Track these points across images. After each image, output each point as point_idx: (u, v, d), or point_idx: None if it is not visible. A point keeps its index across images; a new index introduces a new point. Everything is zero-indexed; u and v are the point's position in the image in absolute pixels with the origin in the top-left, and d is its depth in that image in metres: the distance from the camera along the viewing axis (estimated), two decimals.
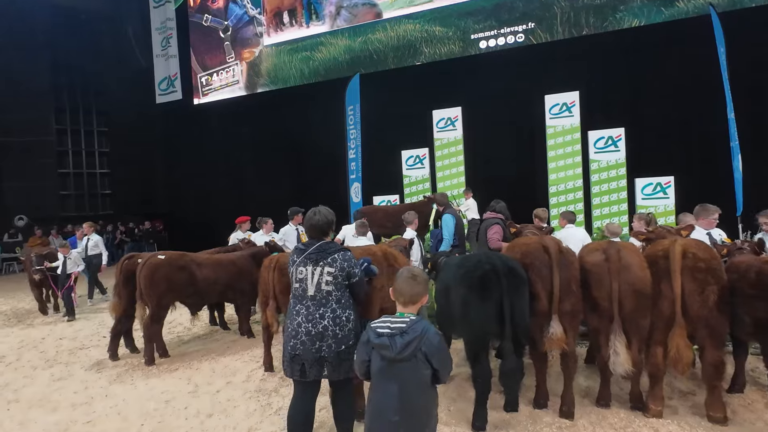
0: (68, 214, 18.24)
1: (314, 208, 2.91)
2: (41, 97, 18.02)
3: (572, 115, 8.80)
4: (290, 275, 2.87)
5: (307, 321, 2.72)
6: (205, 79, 14.09)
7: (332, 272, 2.75)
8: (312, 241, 2.85)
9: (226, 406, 3.85)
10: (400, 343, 1.99)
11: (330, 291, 2.75)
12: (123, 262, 5.39)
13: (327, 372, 2.70)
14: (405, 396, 1.99)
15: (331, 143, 11.94)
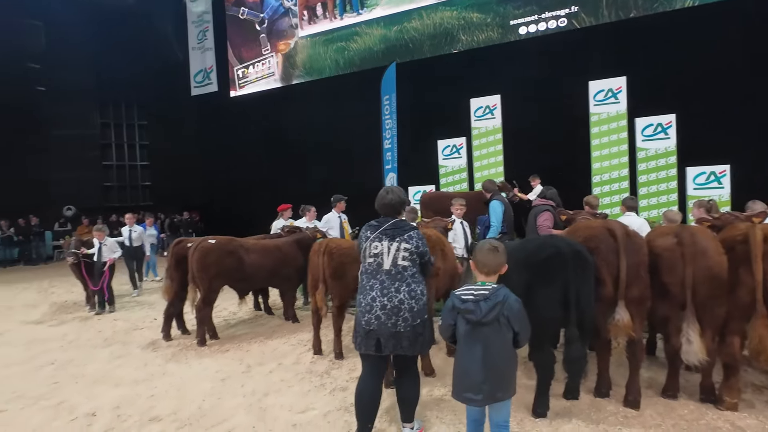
0: (111, 205, 19.05)
1: (386, 187, 2.97)
2: (86, 92, 18.79)
3: (618, 101, 8.46)
4: (361, 251, 2.89)
5: (382, 295, 2.74)
6: (242, 72, 14.32)
7: (409, 248, 2.78)
8: (386, 218, 2.88)
9: (280, 386, 3.92)
10: (484, 307, 2.25)
11: (406, 266, 2.77)
12: (174, 246, 5.56)
13: (404, 346, 2.71)
14: (489, 357, 2.24)
15: (367, 133, 11.93)
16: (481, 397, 2.27)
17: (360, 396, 2.83)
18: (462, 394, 2.33)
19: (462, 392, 2.33)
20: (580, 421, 3.07)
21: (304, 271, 6.26)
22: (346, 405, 3.47)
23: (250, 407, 3.52)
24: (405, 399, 2.90)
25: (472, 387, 2.28)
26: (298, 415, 3.34)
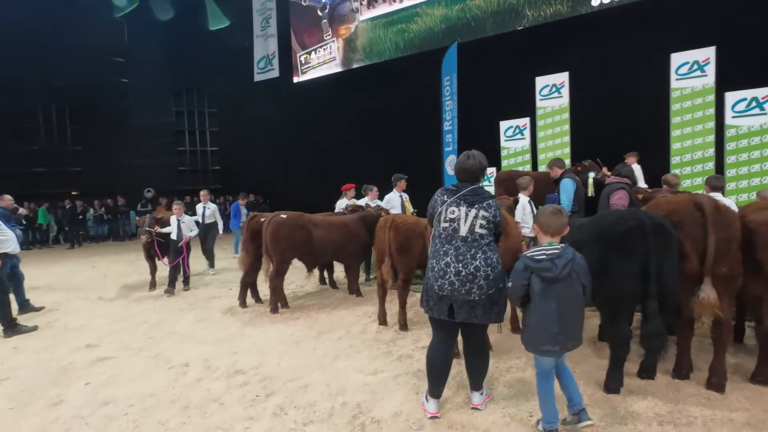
0: (185, 188, 20.52)
1: (467, 152, 2.93)
2: (162, 82, 20.26)
3: (705, 74, 7.76)
4: (436, 215, 2.87)
5: (456, 261, 2.73)
6: (304, 58, 14.71)
7: (487, 216, 2.76)
8: (464, 184, 2.85)
9: (349, 351, 4.13)
10: (560, 264, 2.40)
11: (483, 234, 2.76)
12: (249, 221, 5.95)
13: (477, 315, 2.72)
14: (563, 310, 2.41)
15: (426, 116, 11.87)
16: (558, 348, 2.45)
17: (432, 360, 2.90)
18: (540, 347, 2.48)
19: (540, 345, 2.48)
20: (657, 399, 2.97)
21: (368, 248, 6.50)
22: (413, 370, 3.60)
23: (323, 368, 3.75)
24: (474, 367, 2.94)
25: (549, 339, 2.44)
26: (368, 377, 3.52)
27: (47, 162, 18.88)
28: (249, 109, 19.92)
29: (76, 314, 5.84)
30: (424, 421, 2.81)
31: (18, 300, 5.97)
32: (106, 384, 3.56)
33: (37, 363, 4.08)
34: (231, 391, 3.34)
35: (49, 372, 3.85)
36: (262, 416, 2.95)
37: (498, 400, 3.05)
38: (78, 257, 11.90)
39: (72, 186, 18.58)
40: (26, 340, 4.79)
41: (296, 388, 3.35)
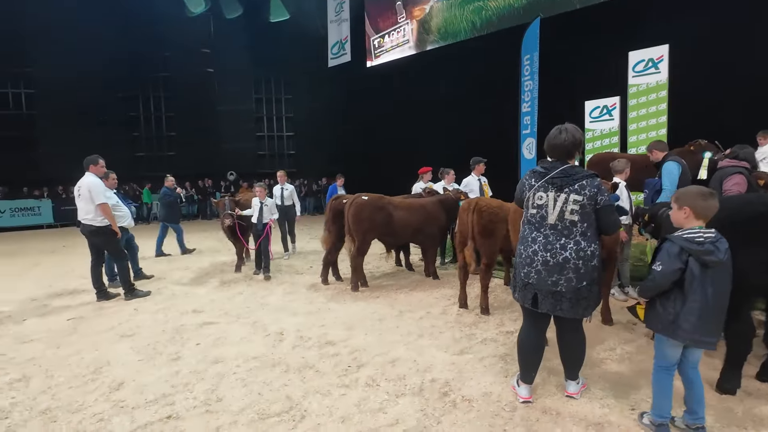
0: (263, 171, 21.74)
1: (559, 126, 2.67)
2: (244, 71, 21.44)
3: None
4: (524, 200, 2.74)
5: (544, 250, 2.61)
6: (377, 42, 14.75)
7: (579, 200, 2.52)
8: (554, 163, 2.64)
9: (432, 330, 4.19)
10: (722, 248, 2.24)
11: (575, 221, 2.55)
12: (332, 202, 6.18)
13: (562, 308, 2.58)
14: (717, 298, 2.26)
15: (503, 97, 11.46)
16: (715, 339, 2.32)
17: (522, 345, 2.86)
18: (697, 338, 2.28)
19: (697, 335, 2.27)
20: None
21: (445, 231, 6.50)
22: (500, 354, 3.57)
23: (408, 345, 3.85)
24: (568, 358, 2.83)
25: (710, 330, 2.28)
26: (454, 356, 3.56)
27: (147, 147, 21.00)
28: (322, 95, 20.50)
29: (180, 283, 6.50)
30: (516, 404, 2.80)
31: (133, 268, 6.76)
32: (214, 345, 3.95)
33: (154, 323, 4.63)
34: (324, 360, 3.55)
35: (165, 331, 4.34)
36: (355, 385, 3.11)
37: (594, 390, 2.94)
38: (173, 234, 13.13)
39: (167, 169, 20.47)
40: (143, 303, 5.43)
41: (385, 362, 3.48)
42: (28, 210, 15.90)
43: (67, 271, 7.62)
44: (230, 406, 2.86)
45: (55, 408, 2.91)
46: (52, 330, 4.50)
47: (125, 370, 3.47)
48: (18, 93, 18.74)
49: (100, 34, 18.09)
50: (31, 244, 11.47)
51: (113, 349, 3.92)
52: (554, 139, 2.64)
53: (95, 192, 5.39)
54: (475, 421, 2.61)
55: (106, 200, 5.45)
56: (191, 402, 2.93)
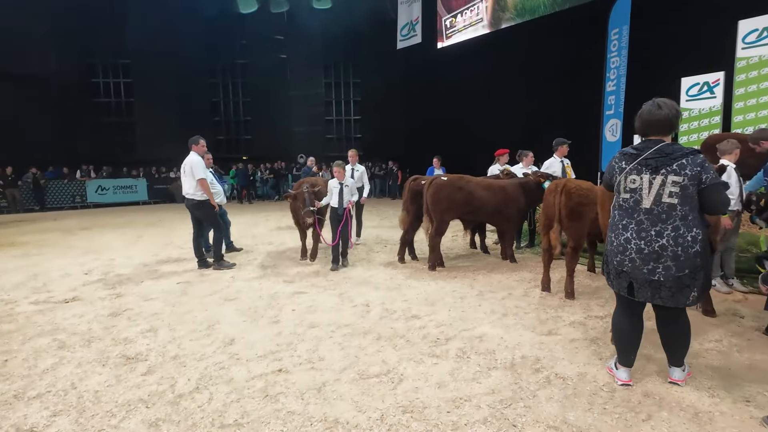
0: (332, 154, 22.40)
1: (655, 100, 2.50)
2: (314, 56, 22.04)
3: None
4: (615, 184, 2.61)
5: (638, 238, 2.49)
6: (449, 22, 14.46)
7: (679, 181, 2.36)
8: (647, 143, 2.49)
9: (516, 311, 4.19)
10: None
11: (674, 204, 2.40)
12: (410, 182, 6.29)
13: (662, 297, 2.47)
14: None
15: (585, 76, 10.84)
16: None
17: (618, 328, 2.79)
18: None
19: None
20: None
21: (524, 214, 6.39)
22: (590, 337, 3.51)
23: (493, 323, 3.89)
24: (671, 346, 2.72)
25: None
26: (542, 336, 3.56)
27: (226, 131, 22.46)
28: (390, 78, 20.56)
29: (266, 256, 7.00)
30: (615, 386, 2.76)
31: (225, 242, 7.37)
32: (308, 312, 4.26)
33: (251, 290, 5.06)
34: (412, 332, 3.71)
35: (263, 298, 4.75)
36: (446, 356, 3.23)
37: (700, 380, 2.82)
38: (252, 212, 14.09)
39: (245, 152, 21.84)
40: (238, 272, 5.95)
41: (472, 337, 3.56)
42: (127, 188, 17.76)
43: (167, 242, 8.48)
44: (332, 365, 3.10)
45: (183, 355, 3.34)
46: (165, 291, 5.09)
47: (233, 329, 3.86)
48: (118, 83, 20.78)
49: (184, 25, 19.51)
50: (133, 218, 12.85)
51: (220, 311, 4.37)
52: (651, 114, 2.49)
53: (196, 169, 5.92)
54: (573, 398, 2.62)
55: (205, 176, 5.97)
56: (296, 359, 3.22)
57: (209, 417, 2.51)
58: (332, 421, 2.44)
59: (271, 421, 2.45)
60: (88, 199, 16.86)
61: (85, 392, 2.81)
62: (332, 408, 2.57)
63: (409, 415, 2.47)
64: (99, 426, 2.44)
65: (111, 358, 3.30)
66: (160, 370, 3.09)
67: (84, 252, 7.62)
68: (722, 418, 2.41)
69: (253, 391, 2.79)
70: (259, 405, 2.62)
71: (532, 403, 2.58)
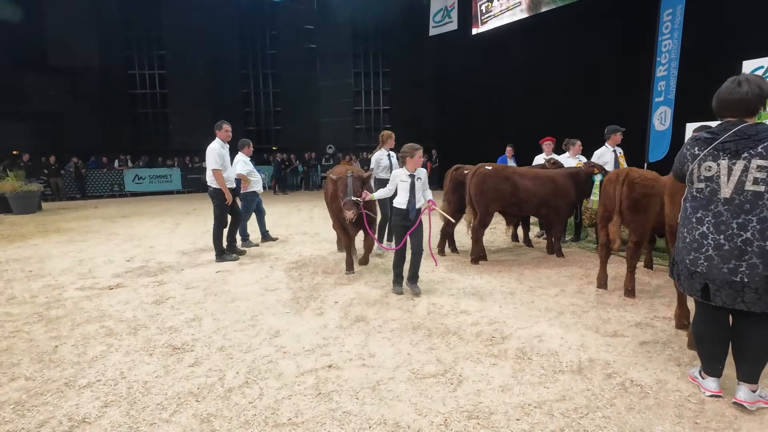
0: (360, 145, 22.25)
1: (735, 77, 2.23)
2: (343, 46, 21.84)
3: None
4: (688, 173, 2.35)
5: (716, 232, 2.21)
6: (485, 6, 13.95)
7: (765, 166, 2.07)
8: (725, 125, 2.21)
9: (573, 309, 3.92)
10: None
11: (760, 192, 2.12)
12: (451, 172, 6.04)
13: (745, 300, 2.17)
14: None
15: (633, 60, 10.23)
16: None
17: (700, 336, 2.50)
18: None
19: None
20: None
21: (573, 206, 6.05)
22: (662, 340, 3.23)
23: (550, 321, 3.64)
24: (746, 356, 2.34)
25: None
26: (607, 338, 3.29)
27: (256, 121, 22.61)
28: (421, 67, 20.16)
29: (302, 246, 6.91)
30: (702, 397, 2.48)
31: (261, 230, 7.34)
32: (351, 305, 4.11)
33: (291, 280, 4.97)
34: (464, 328, 3.50)
35: (304, 288, 4.64)
36: (505, 356, 3.01)
37: None
38: (284, 202, 14.12)
39: (274, 142, 21.96)
40: (277, 261, 5.87)
41: (530, 336, 3.33)
42: (162, 177, 18.15)
43: (204, 231, 8.52)
44: (384, 363, 2.94)
45: (229, 347, 3.25)
46: (206, 279, 5.06)
47: (278, 320, 3.76)
48: (153, 74, 21.18)
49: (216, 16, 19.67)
50: (169, 207, 13.08)
51: (263, 301, 4.28)
52: (731, 92, 2.20)
53: (209, 157, 5.69)
54: (656, 409, 2.36)
55: (217, 166, 5.64)
56: (346, 355, 3.08)
57: (262, 414, 2.39)
58: (392, 424, 2.28)
59: (327, 422, 2.31)
60: (126, 188, 17.34)
61: (135, 382, 2.74)
62: (390, 409, 2.41)
63: (475, 422, 2.28)
64: (151, 419, 2.36)
65: (158, 348, 3.24)
66: (208, 362, 3.01)
67: (125, 239, 7.75)
68: None
69: (305, 387, 2.66)
70: (312, 403, 2.49)
71: (610, 413, 2.34)
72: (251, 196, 6.78)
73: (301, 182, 19.51)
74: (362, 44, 21.92)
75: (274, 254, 6.32)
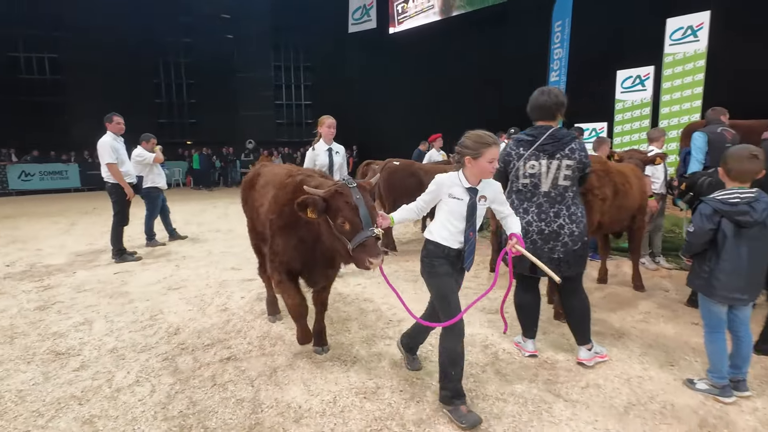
0: (282, 140, 21.81)
1: (541, 88, 2.66)
2: (263, 38, 21.22)
3: None
4: (512, 171, 2.69)
5: (539, 220, 2.63)
6: (401, 7, 14.40)
7: (571, 165, 2.55)
8: (539, 129, 2.61)
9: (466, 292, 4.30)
10: (759, 208, 2.24)
11: (567, 186, 2.60)
12: (363, 167, 6.26)
13: (562, 270, 2.60)
14: (753, 258, 2.29)
15: (531, 65, 11.21)
16: (748, 296, 2.34)
17: (521, 307, 2.95)
18: (730, 295, 2.34)
19: (730, 293, 2.33)
20: None
21: None
22: None
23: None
24: (576, 322, 2.80)
25: (740, 287, 2.32)
26: (489, 315, 3.68)
27: (168, 114, 21.10)
28: (342, 63, 20.25)
29: (214, 243, 6.72)
30: (557, 359, 2.92)
31: (167, 229, 6.99)
32: (258, 299, 4.13)
33: (198, 278, 4.84)
34: (365, 315, 3.70)
35: (210, 286, 4.56)
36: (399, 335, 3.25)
37: (632, 348, 3.05)
38: (199, 199, 13.45)
39: (189, 136, 20.71)
40: (183, 260, 5.66)
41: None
42: (56, 174, 16.32)
43: (104, 231, 7.86)
44: (285, 351, 3.04)
45: (122, 348, 3.13)
46: (102, 281, 4.75)
47: (179, 318, 3.68)
48: (42, 58, 18.86)
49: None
50: (66, 206, 11.84)
51: (164, 300, 4.14)
52: (536, 100, 2.63)
53: (102, 151, 5.39)
54: (519, 371, 2.74)
55: (111, 159, 5.37)
56: (247, 346, 3.13)
57: (151, 410, 2.37)
58: (284, 405, 2.40)
59: (219, 410, 2.37)
60: (9, 185, 15.33)
61: (6, 392, 2.56)
62: (284, 393, 2.52)
63: (362, 396, 2.48)
64: (24, 427, 2.24)
65: (38, 355, 3.04)
66: (95, 365, 2.89)
67: (7, 242, 6.94)
68: (650, 381, 2.62)
69: (201, 380, 2.67)
70: (207, 394, 2.52)
71: (483, 376, 2.67)
72: (154, 192, 6.44)
73: (219, 178, 18.63)
74: (283, 37, 21.46)
75: (182, 252, 6.08)
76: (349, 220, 2.24)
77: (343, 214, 2.25)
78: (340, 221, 2.26)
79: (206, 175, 17.25)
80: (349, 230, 2.24)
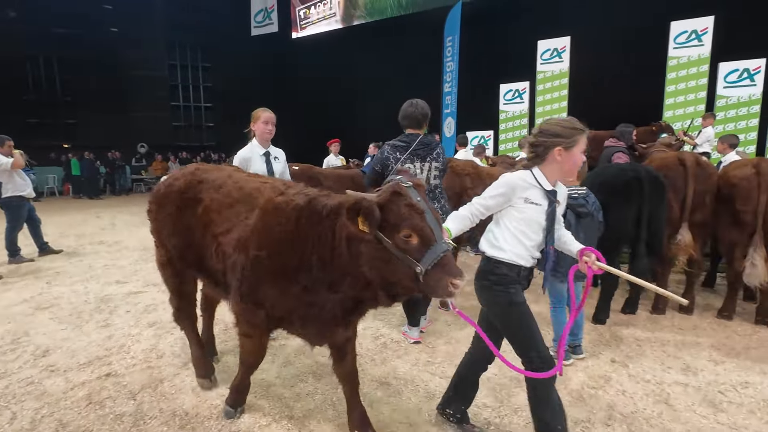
0: (179, 144, 20.33)
1: (410, 100, 3.00)
2: (155, 34, 19.59)
3: (702, 44, 7.98)
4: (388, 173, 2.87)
5: None
6: (303, 12, 14.43)
7: (438, 166, 3.02)
8: (412, 136, 2.95)
9: None
10: (591, 201, 2.80)
11: (437, 185, 3.04)
12: None
13: None
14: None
15: (426, 76, 11.93)
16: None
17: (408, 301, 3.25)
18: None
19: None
20: (637, 329, 3.45)
21: None
22: None
23: None
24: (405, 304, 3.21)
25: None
26: None
27: (40, 113, 18.29)
28: (245, 65, 19.53)
29: (95, 256, 6.13)
30: (435, 343, 3.24)
31: (37, 243, 6.21)
32: (146, 311, 3.92)
33: (74, 295, 4.41)
34: None
35: (89, 302, 4.19)
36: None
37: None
38: (79, 209, 12.02)
39: (64, 138, 18.30)
40: (57, 277, 5.09)
41: None
42: None
43: None
44: (173, 361, 2.96)
45: None
46: None
47: (49, 339, 3.35)
48: None
49: None
50: None
51: (30, 321, 3.72)
52: (405, 110, 2.99)
53: None
54: (401, 354, 3.01)
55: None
56: (130, 361, 2.98)
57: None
58: (169, 414, 2.36)
59: (95, 428, 2.25)
60: None
61: None
62: (170, 402, 2.47)
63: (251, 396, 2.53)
64: None
65: None
66: None
67: None
68: None
69: (73, 401, 2.50)
70: (81, 414, 2.37)
71: (378, 359, 2.88)
72: (16, 201, 5.69)
73: (106, 186, 16.80)
74: (180, 34, 19.99)
75: (55, 268, 5.46)
76: (417, 231, 1.57)
77: (408, 224, 1.57)
78: (404, 234, 1.57)
79: (90, 182, 15.38)
80: (418, 245, 1.57)
